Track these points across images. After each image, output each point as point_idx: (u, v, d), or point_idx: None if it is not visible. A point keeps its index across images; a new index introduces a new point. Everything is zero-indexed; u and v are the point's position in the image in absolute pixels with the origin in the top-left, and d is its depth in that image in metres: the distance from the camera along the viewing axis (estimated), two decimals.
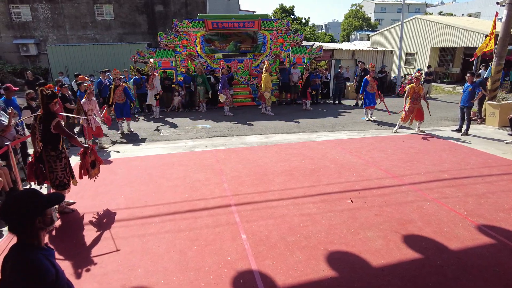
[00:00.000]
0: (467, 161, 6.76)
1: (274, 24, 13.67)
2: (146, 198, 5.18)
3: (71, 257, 3.74)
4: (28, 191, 1.69)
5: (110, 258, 3.70)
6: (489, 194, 5.19)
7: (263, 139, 8.69)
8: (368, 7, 58.69)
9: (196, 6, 22.92)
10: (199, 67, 12.10)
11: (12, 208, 1.59)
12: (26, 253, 1.59)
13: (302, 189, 5.44)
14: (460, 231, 4.15)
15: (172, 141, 8.66)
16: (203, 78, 11.91)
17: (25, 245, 1.63)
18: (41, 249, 1.66)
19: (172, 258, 3.67)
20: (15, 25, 21.23)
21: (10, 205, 1.61)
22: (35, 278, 1.54)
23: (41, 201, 1.64)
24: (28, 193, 1.67)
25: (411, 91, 8.85)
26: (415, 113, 8.92)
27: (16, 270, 1.55)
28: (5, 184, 4.79)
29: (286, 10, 47.57)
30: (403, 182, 5.72)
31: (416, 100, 8.85)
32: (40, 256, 1.61)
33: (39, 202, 1.63)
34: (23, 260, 1.57)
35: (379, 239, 4.01)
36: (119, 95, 8.96)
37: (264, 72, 11.61)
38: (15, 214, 1.58)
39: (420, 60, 23.10)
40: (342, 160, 6.86)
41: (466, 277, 3.31)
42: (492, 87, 10.57)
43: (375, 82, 10.51)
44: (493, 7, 31.96)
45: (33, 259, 1.58)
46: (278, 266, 3.52)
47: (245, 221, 4.44)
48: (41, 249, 1.66)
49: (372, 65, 10.82)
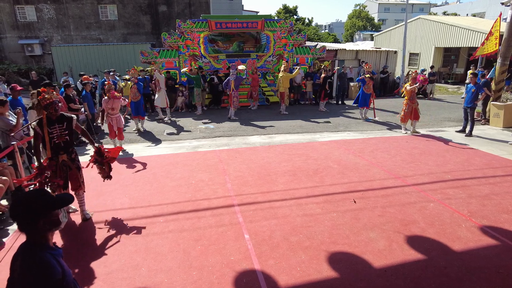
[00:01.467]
0: (471, 162, 6.74)
1: (277, 25, 13.68)
2: (150, 198, 5.21)
3: (76, 256, 3.78)
4: (36, 192, 1.72)
5: (114, 257, 3.73)
6: (492, 195, 5.17)
7: (266, 140, 8.71)
8: (371, 7, 58.49)
9: (199, 6, 22.98)
10: (193, 68, 11.92)
11: (19, 209, 1.63)
12: (34, 252, 1.63)
13: (305, 190, 5.45)
14: (463, 232, 4.14)
15: (176, 141, 8.70)
16: (198, 79, 11.71)
17: (33, 244, 1.66)
18: (49, 248, 1.69)
19: (175, 258, 3.70)
20: (20, 26, 21.39)
21: (17, 205, 1.65)
22: (42, 276, 1.57)
23: (47, 202, 1.66)
24: (35, 194, 1.69)
25: (409, 92, 8.79)
26: (413, 113, 8.89)
27: (24, 268, 1.58)
28: (10, 184, 4.84)
29: (290, 10, 47.51)
30: (406, 183, 5.71)
31: (413, 99, 8.83)
32: (48, 255, 1.64)
33: (45, 204, 1.65)
34: (31, 258, 1.60)
35: (382, 239, 4.01)
36: (134, 92, 9.21)
37: (282, 72, 11.87)
38: (22, 214, 1.62)
39: (424, 61, 22.99)
40: (345, 160, 6.86)
41: (469, 279, 3.31)
42: (497, 88, 10.51)
43: (371, 82, 10.50)
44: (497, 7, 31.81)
45: (41, 258, 1.61)
46: (281, 266, 3.54)
47: (248, 221, 4.46)
48: (49, 248, 1.69)
49: (369, 65, 10.81)
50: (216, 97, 13.24)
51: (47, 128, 4.09)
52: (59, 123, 4.20)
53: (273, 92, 14.24)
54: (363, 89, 10.47)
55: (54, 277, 1.60)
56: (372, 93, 10.50)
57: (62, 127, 4.21)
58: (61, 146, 4.24)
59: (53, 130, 4.15)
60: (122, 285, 3.28)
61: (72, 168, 4.38)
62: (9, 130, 5.36)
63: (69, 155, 4.36)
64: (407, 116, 8.96)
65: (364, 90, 10.47)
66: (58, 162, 4.27)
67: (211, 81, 12.90)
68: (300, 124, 10.41)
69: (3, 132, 5.39)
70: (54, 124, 4.16)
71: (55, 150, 4.22)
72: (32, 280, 1.55)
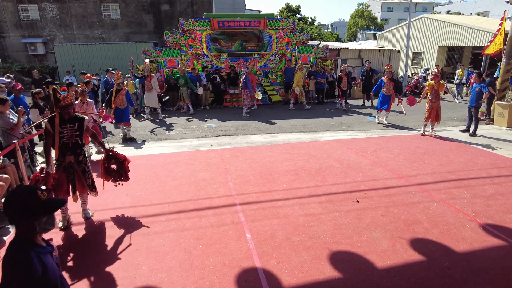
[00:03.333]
0: (475, 161, 6.67)
1: (280, 23, 13.63)
2: (152, 197, 5.19)
3: (76, 255, 3.76)
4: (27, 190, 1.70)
5: (115, 256, 3.71)
6: (497, 195, 5.11)
7: (268, 139, 8.67)
8: (374, 6, 58.29)
9: (202, 5, 22.96)
10: (180, 67, 11.87)
11: (9, 204, 1.66)
12: (16, 248, 1.65)
13: (308, 189, 5.41)
14: (468, 233, 4.09)
15: (178, 140, 8.68)
16: (185, 78, 11.65)
17: (19, 240, 1.68)
18: (35, 245, 1.69)
19: (176, 257, 3.67)
20: (23, 25, 21.45)
21: (9, 200, 1.67)
22: (20, 274, 1.58)
23: (37, 204, 1.66)
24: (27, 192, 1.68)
25: (430, 89, 8.55)
26: (434, 113, 8.56)
27: (5, 264, 1.61)
28: (12, 182, 4.83)
29: (292, 10, 47.42)
30: (410, 182, 5.65)
31: (435, 98, 8.53)
32: (31, 253, 1.64)
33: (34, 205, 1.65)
34: (12, 255, 1.63)
35: (385, 240, 3.97)
36: (121, 99, 8.44)
37: (297, 71, 12.20)
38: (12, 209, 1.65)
39: (427, 60, 22.87)
40: (348, 160, 6.81)
41: (474, 280, 3.26)
42: (501, 87, 10.42)
43: (391, 83, 9.93)
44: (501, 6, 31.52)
45: (21, 256, 1.61)
46: (283, 266, 3.50)
47: (250, 221, 4.43)
48: (36, 246, 1.69)
49: (390, 65, 10.33)
50: (218, 96, 13.22)
51: (58, 128, 3.99)
52: (71, 123, 4.09)
53: (275, 91, 14.21)
54: (382, 91, 9.91)
55: (32, 275, 1.59)
56: (392, 95, 9.90)
57: (73, 127, 4.11)
58: (68, 147, 4.13)
59: (64, 130, 4.05)
60: (123, 284, 3.26)
61: (78, 171, 4.26)
62: (10, 129, 5.35)
63: (76, 156, 4.23)
64: (429, 116, 8.57)
65: (384, 93, 9.90)
66: (65, 163, 4.16)
67: (214, 80, 12.87)
68: (303, 123, 10.37)
69: (4, 131, 5.38)
70: (66, 124, 4.06)
71: (62, 151, 4.11)
72: (9, 277, 1.57)
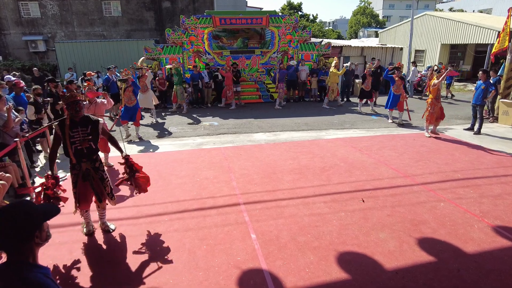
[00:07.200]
0: (481, 160, 6.60)
1: (282, 21, 13.53)
2: (155, 196, 5.13)
3: (77, 255, 3.71)
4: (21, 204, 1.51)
5: (117, 257, 3.66)
6: (505, 195, 5.04)
7: (271, 137, 8.60)
8: (376, 4, 57.92)
9: (203, 2, 22.83)
10: (174, 65, 11.43)
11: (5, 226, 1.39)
12: (24, 273, 1.39)
13: (312, 188, 5.35)
14: (476, 233, 4.03)
15: (180, 138, 8.61)
16: (179, 76, 11.28)
17: (18, 263, 1.42)
18: (38, 267, 1.48)
19: (181, 257, 3.61)
20: (24, 22, 21.36)
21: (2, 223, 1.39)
22: None
23: (37, 214, 1.48)
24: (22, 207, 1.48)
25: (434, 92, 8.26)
26: (440, 113, 8.35)
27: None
28: (13, 181, 4.78)
29: (294, 7, 47.12)
30: (415, 181, 5.59)
31: (438, 99, 8.36)
32: (40, 275, 1.42)
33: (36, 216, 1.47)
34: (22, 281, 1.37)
35: (392, 240, 3.91)
36: (129, 96, 7.98)
37: (333, 68, 12.24)
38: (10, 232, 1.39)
39: (429, 57, 22.74)
40: (352, 158, 6.74)
41: (484, 282, 3.20)
42: (506, 85, 10.32)
43: (402, 82, 9.68)
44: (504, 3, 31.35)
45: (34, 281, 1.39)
46: (289, 267, 3.45)
47: (254, 220, 4.37)
48: (39, 267, 1.48)
49: (401, 64, 10.07)
50: (220, 94, 13.13)
51: (68, 131, 3.54)
52: (82, 126, 3.63)
53: None
54: (392, 90, 9.68)
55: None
56: (402, 94, 9.60)
57: (85, 131, 3.63)
58: (83, 153, 3.66)
59: (75, 133, 3.58)
60: (126, 285, 3.20)
61: (95, 178, 3.83)
62: (3, 126, 5.25)
63: (92, 163, 3.80)
64: (433, 117, 8.30)
65: (393, 91, 9.66)
66: (82, 170, 3.74)
67: (216, 78, 12.79)
68: (305, 121, 10.29)
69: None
70: (77, 127, 3.59)
71: (77, 158, 3.67)
72: None
